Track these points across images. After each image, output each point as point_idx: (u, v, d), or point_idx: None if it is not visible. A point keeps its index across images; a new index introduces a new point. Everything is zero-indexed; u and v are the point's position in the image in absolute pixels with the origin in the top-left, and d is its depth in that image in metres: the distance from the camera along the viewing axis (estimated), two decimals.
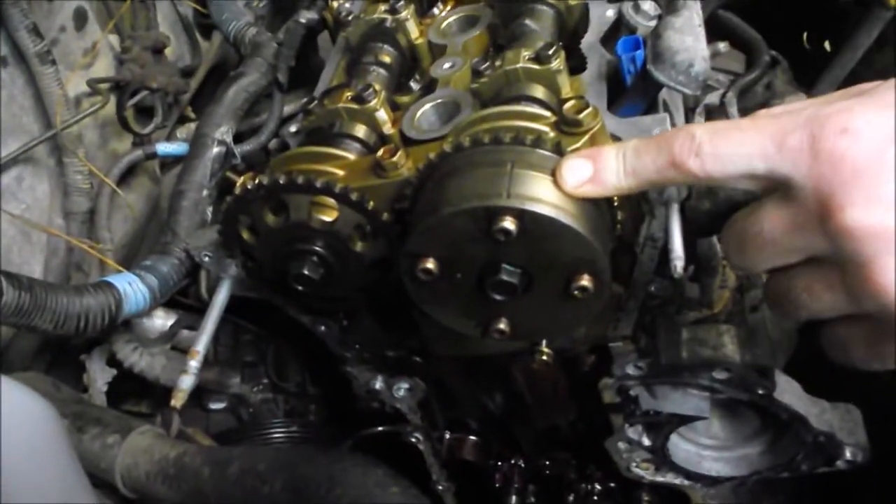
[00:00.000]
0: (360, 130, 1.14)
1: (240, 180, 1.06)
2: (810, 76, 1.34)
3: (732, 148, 0.75)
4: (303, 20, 1.59)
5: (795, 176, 0.73)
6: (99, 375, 1.53)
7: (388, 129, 1.14)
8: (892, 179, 0.69)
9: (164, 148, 1.62)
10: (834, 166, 0.70)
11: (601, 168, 0.84)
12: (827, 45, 1.61)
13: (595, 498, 1.59)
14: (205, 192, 1.43)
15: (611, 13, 1.24)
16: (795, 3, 1.62)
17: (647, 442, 1.32)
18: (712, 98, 1.52)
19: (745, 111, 1.51)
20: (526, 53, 1.08)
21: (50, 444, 0.86)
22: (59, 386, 1.44)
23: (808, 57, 1.65)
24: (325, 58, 1.50)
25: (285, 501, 1.08)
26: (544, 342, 1.22)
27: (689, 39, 1.03)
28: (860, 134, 0.70)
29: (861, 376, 0.85)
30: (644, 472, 1.38)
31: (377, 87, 1.14)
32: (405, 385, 1.37)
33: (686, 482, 1.38)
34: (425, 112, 1.13)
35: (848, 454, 1.23)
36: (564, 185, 0.86)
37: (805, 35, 1.68)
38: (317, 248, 1.05)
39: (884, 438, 1.22)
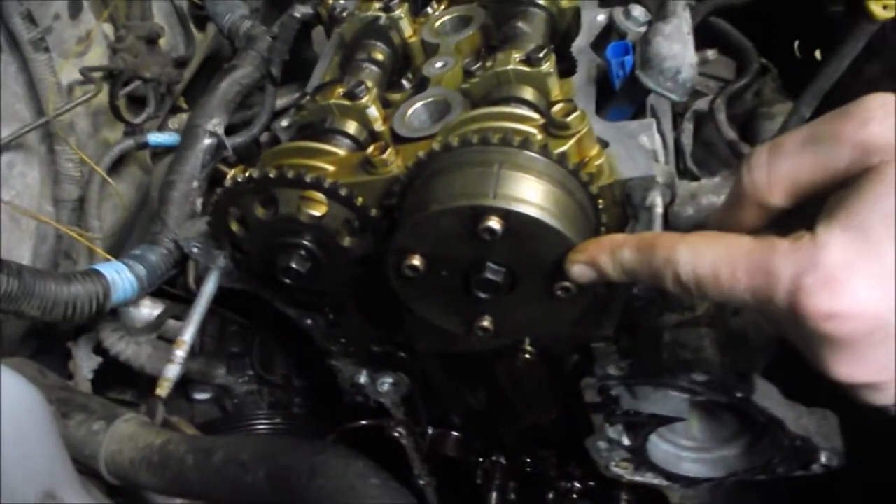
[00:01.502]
0: (351, 127, 1.15)
1: (230, 172, 1.06)
2: (800, 85, 1.35)
3: (721, 290, 0.74)
4: (297, 14, 1.59)
5: (783, 323, 0.72)
6: (85, 363, 1.53)
7: (378, 126, 1.15)
8: (880, 351, 0.69)
9: (155, 138, 1.62)
10: (820, 341, 0.70)
11: (603, 274, 0.85)
12: (818, 54, 1.62)
13: (574, 496, 1.61)
14: (195, 183, 1.44)
15: (602, 18, 1.26)
16: (787, 12, 1.63)
17: (626, 442, 1.33)
18: (701, 104, 1.54)
19: (733, 118, 1.52)
20: (517, 55, 1.09)
21: (38, 429, 0.87)
22: (45, 372, 1.44)
23: (798, 66, 1.66)
24: (318, 52, 1.50)
25: (267, 490, 1.09)
26: (527, 340, 1.24)
27: (677, 47, 1.04)
28: (845, 320, 0.67)
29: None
30: (623, 471, 1.39)
31: (369, 84, 1.15)
32: (389, 380, 1.38)
33: (664, 482, 1.40)
34: (416, 110, 1.14)
35: (823, 459, 1.24)
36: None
37: (797, 44, 1.69)
38: (305, 242, 1.06)
39: (859, 444, 1.24)
